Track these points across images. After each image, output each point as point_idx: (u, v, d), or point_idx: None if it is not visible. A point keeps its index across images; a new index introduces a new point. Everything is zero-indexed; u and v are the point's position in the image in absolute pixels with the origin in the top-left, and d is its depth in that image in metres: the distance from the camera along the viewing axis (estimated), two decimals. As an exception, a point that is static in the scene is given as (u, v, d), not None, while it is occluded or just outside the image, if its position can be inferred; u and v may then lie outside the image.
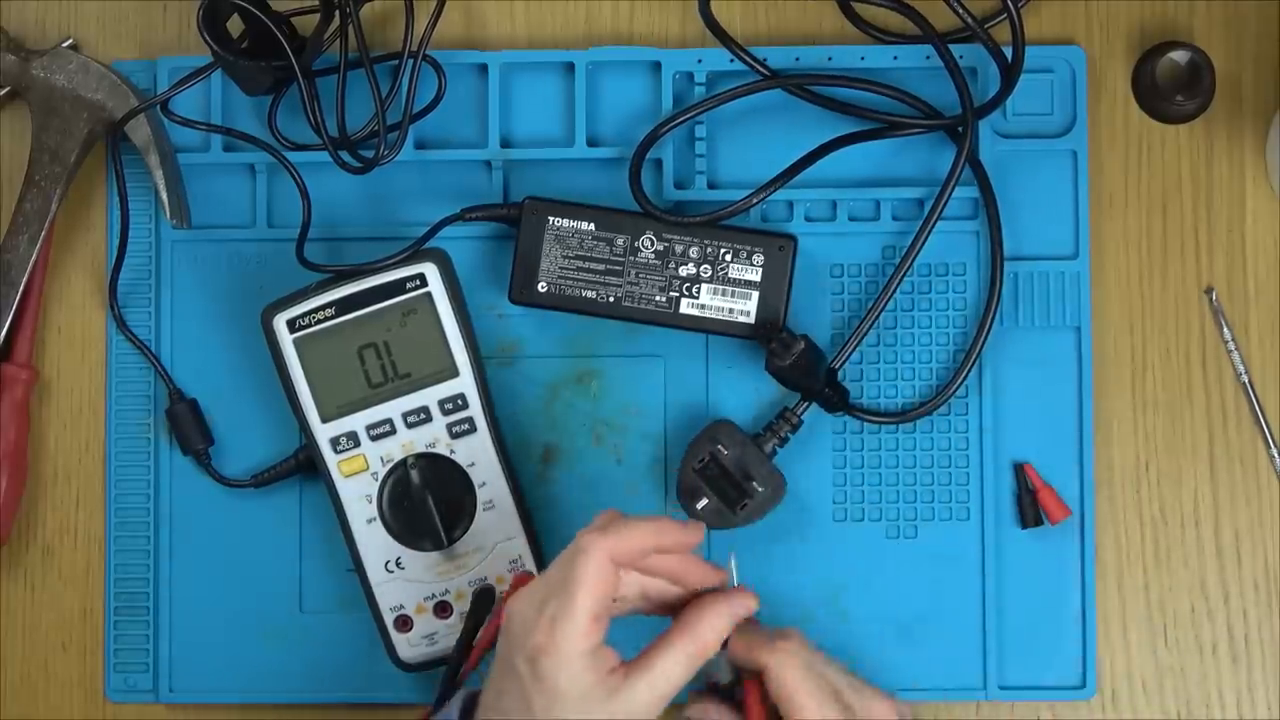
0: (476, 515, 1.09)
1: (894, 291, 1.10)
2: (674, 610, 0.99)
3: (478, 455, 1.09)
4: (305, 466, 1.11)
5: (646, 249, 1.09)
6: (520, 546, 1.09)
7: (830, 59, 1.12)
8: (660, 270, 1.09)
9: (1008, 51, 1.07)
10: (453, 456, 1.08)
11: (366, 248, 1.11)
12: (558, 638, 0.93)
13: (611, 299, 1.10)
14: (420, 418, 1.08)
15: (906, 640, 1.10)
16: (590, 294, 1.10)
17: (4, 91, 1.15)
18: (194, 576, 1.13)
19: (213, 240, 1.14)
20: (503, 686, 0.95)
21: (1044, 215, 1.11)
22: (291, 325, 1.08)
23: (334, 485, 1.09)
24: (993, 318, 1.09)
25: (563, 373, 1.12)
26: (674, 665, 0.95)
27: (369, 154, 1.10)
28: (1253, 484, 1.11)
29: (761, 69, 1.11)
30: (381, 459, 1.08)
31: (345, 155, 1.10)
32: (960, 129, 1.09)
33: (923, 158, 1.12)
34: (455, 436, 1.09)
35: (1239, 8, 1.13)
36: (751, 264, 1.09)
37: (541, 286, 1.10)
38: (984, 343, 1.10)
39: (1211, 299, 1.12)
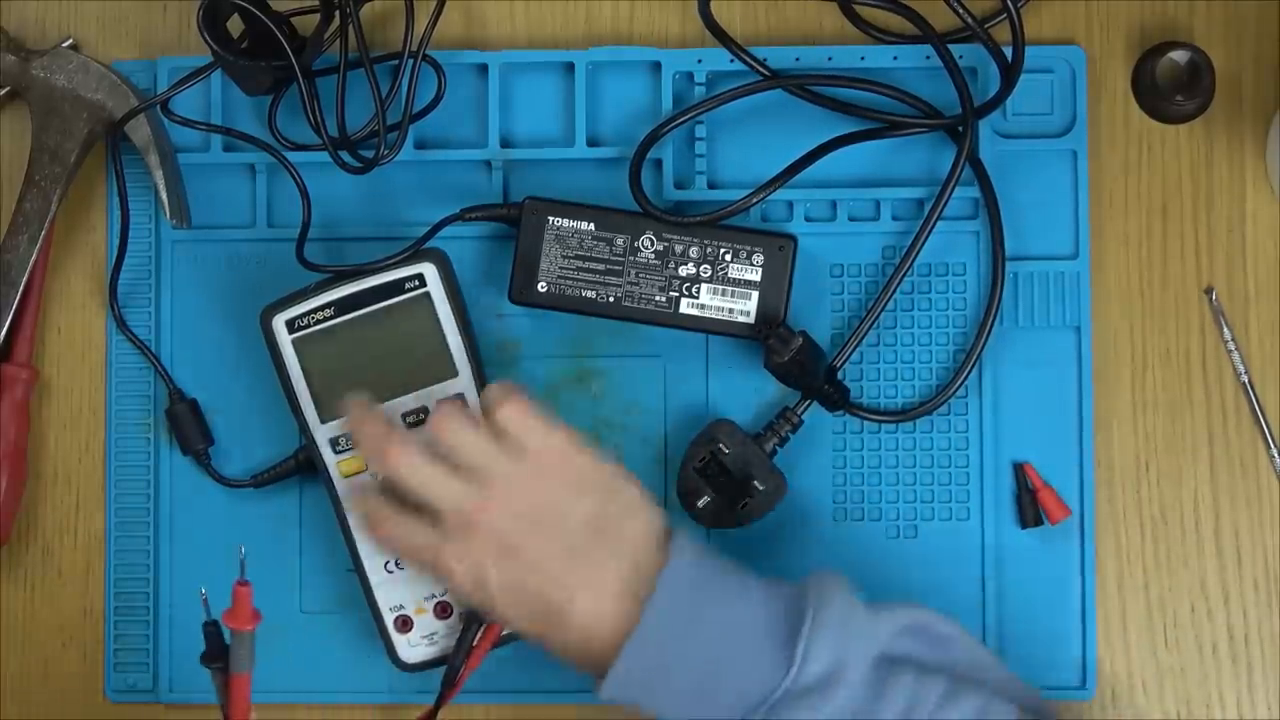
0: (476, 515, 1.09)
1: (894, 291, 1.10)
2: None
3: (478, 455, 1.09)
4: (305, 466, 1.11)
5: (646, 249, 1.09)
6: (520, 546, 1.09)
7: (830, 59, 1.11)
8: (660, 270, 1.09)
9: (1008, 51, 1.07)
10: (453, 456, 1.08)
11: (366, 248, 1.11)
12: None
13: (611, 299, 1.10)
14: (420, 418, 1.08)
15: (906, 640, 1.10)
16: (590, 294, 1.10)
17: (4, 91, 1.15)
18: (194, 576, 1.12)
19: (213, 240, 1.14)
20: None
21: (1044, 215, 1.11)
22: (291, 325, 1.08)
23: (334, 485, 1.09)
24: (993, 318, 1.09)
25: (563, 373, 1.12)
26: None
27: (369, 154, 1.10)
28: (1253, 484, 1.11)
29: (761, 69, 1.11)
30: (381, 459, 1.08)
31: (345, 155, 1.10)
32: (960, 129, 1.09)
33: (923, 158, 1.12)
34: (455, 436, 1.08)
35: (1239, 8, 1.13)
36: (751, 264, 1.09)
37: (541, 286, 1.10)
38: (984, 343, 1.10)
39: (1211, 299, 1.12)
